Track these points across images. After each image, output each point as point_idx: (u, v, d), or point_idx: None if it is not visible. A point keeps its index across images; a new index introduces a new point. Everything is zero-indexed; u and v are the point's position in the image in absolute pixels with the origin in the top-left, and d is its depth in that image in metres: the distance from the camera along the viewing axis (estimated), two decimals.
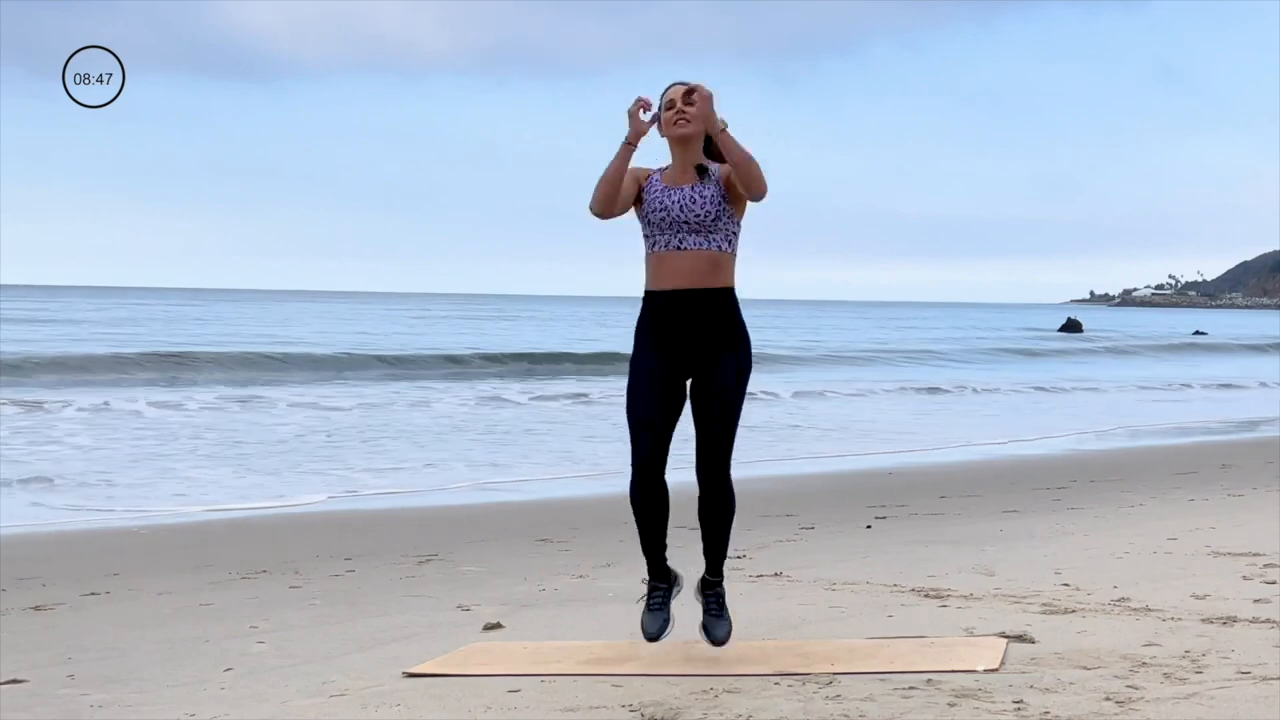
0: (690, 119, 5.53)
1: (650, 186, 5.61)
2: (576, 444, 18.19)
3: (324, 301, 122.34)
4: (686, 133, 5.55)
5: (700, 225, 5.53)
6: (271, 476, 14.49)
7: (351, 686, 5.43)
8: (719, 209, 5.54)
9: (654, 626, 5.68)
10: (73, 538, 10.72)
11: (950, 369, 41.25)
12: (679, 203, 5.54)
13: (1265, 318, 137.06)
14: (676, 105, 5.57)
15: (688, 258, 5.53)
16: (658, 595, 5.71)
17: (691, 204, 5.53)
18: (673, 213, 5.53)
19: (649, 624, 5.69)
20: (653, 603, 5.71)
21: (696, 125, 5.54)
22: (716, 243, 5.56)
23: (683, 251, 5.53)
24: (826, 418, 23.08)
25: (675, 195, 5.55)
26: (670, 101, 5.60)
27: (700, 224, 5.53)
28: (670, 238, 5.55)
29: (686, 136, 5.56)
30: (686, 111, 5.54)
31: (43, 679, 5.80)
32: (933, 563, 8.18)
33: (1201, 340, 68.24)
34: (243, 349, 38.14)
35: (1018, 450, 17.97)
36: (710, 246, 5.55)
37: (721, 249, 5.57)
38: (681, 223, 5.53)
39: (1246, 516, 10.01)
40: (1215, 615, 6.33)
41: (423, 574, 8.59)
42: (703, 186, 5.55)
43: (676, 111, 5.55)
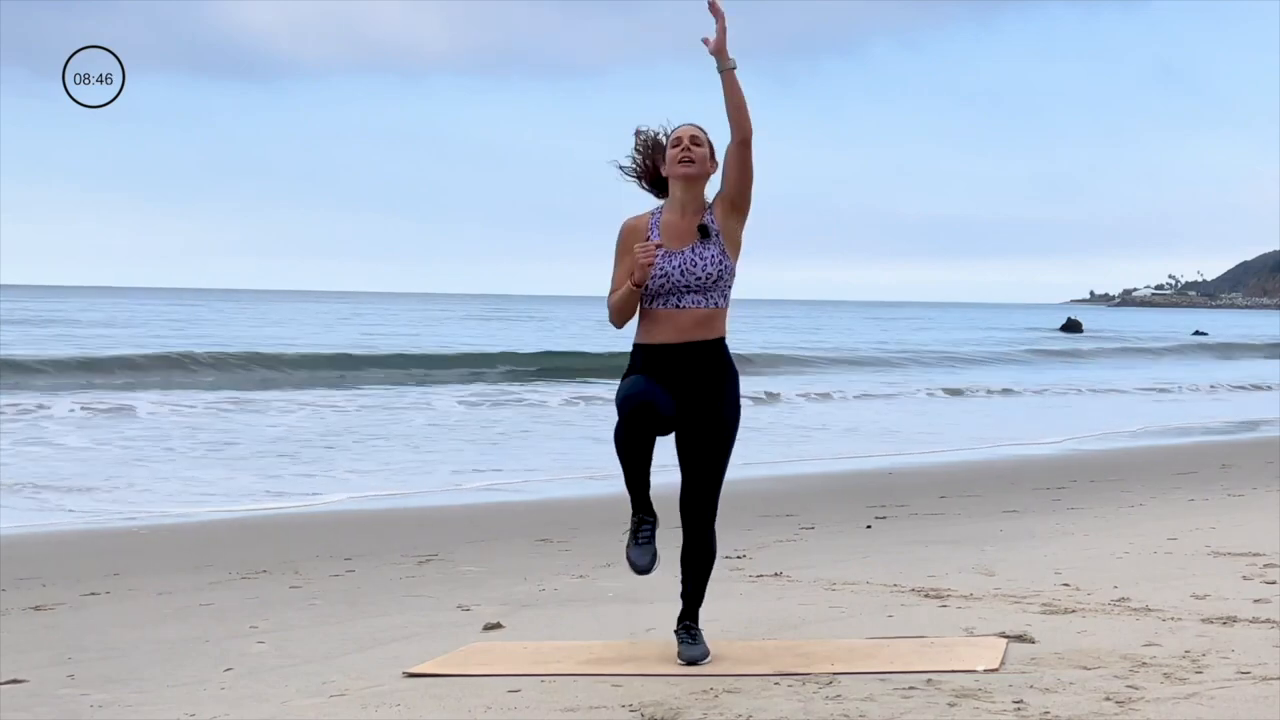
0: (694, 158, 5.54)
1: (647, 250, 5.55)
2: (570, 446, 18.19)
3: (324, 301, 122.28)
4: (690, 173, 5.56)
5: (701, 286, 5.54)
6: (271, 479, 14.49)
7: (351, 686, 5.43)
8: (720, 268, 5.54)
9: (643, 559, 5.69)
10: (73, 538, 10.72)
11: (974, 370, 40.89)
12: (680, 267, 5.53)
13: (1265, 318, 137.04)
14: (684, 144, 5.56)
15: (685, 315, 5.55)
16: (645, 529, 5.71)
17: (692, 268, 5.53)
18: (673, 278, 5.53)
19: (638, 557, 5.70)
20: (640, 537, 5.71)
21: (700, 167, 5.56)
22: (714, 300, 5.58)
23: (681, 310, 5.55)
24: (872, 422, 23.04)
25: (675, 260, 5.53)
26: (678, 139, 5.58)
27: (701, 285, 5.54)
28: (668, 299, 5.56)
29: (690, 177, 5.56)
30: (692, 152, 5.54)
31: (43, 679, 5.80)
32: (933, 563, 8.18)
33: (1211, 341, 67.73)
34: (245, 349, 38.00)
35: (1018, 450, 17.97)
36: (708, 305, 5.56)
37: (718, 305, 5.59)
38: (682, 286, 5.54)
39: (1246, 516, 10.01)
40: (1215, 615, 6.33)
41: (423, 574, 8.59)
42: (703, 247, 5.54)
43: (683, 149, 5.55)
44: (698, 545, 5.66)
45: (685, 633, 5.68)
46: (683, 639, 5.67)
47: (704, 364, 5.56)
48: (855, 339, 62.29)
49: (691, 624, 5.71)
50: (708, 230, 5.56)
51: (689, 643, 5.65)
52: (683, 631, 5.69)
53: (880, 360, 45.55)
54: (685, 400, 5.54)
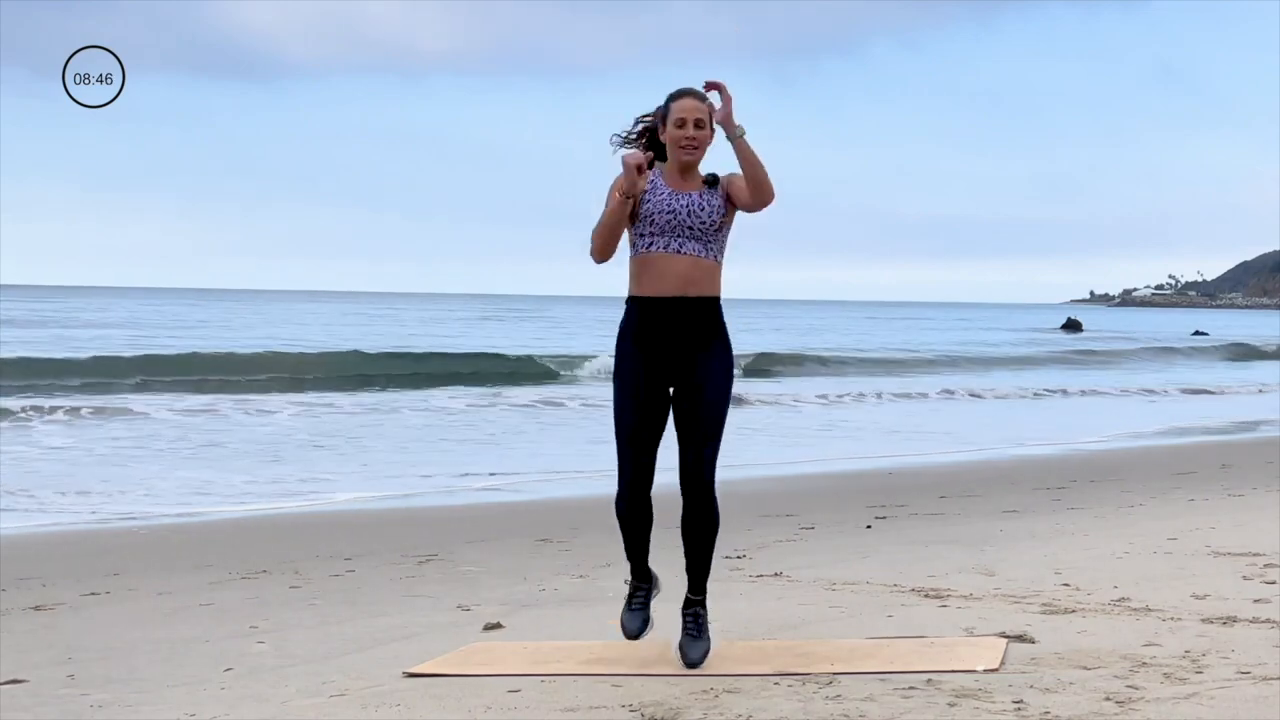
0: (699, 145, 5.51)
1: (654, 189, 5.53)
2: (560, 447, 18.19)
3: (325, 302, 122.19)
4: (693, 160, 5.54)
5: (703, 232, 5.50)
6: (261, 481, 14.49)
7: (351, 686, 5.43)
8: (722, 219, 5.53)
9: (634, 624, 5.69)
10: (73, 538, 10.72)
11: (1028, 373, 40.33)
12: (686, 207, 5.49)
13: (1265, 318, 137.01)
14: (688, 127, 5.50)
15: (683, 262, 5.50)
16: (639, 596, 5.73)
17: (700, 210, 5.50)
18: (679, 216, 5.49)
19: (629, 622, 5.70)
20: (634, 603, 5.72)
21: (701, 154, 5.54)
22: (713, 252, 5.54)
23: (680, 255, 5.50)
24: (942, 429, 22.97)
25: (683, 200, 5.51)
26: (681, 120, 5.50)
27: (703, 231, 5.50)
28: (670, 240, 5.50)
29: (692, 165, 5.55)
30: (696, 139, 5.50)
31: (43, 679, 5.80)
32: (933, 563, 8.17)
33: (1221, 341, 67.18)
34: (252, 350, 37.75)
35: (1018, 450, 17.98)
36: (707, 255, 5.52)
37: (716, 259, 5.56)
38: (686, 227, 5.49)
39: (1246, 516, 10.01)
40: (1215, 615, 6.33)
41: (423, 574, 8.59)
42: (710, 195, 5.52)
43: (687, 135, 5.49)
44: (698, 513, 5.55)
45: (692, 621, 5.61)
46: (687, 629, 5.60)
47: (699, 324, 5.50)
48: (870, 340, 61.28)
49: (699, 608, 5.62)
50: (716, 180, 5.54)
51: (693, 636, 5.57)
52: (689, 619, 5.62)
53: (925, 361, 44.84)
54: (679, 359, 5.49)
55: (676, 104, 5.53)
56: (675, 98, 5.54)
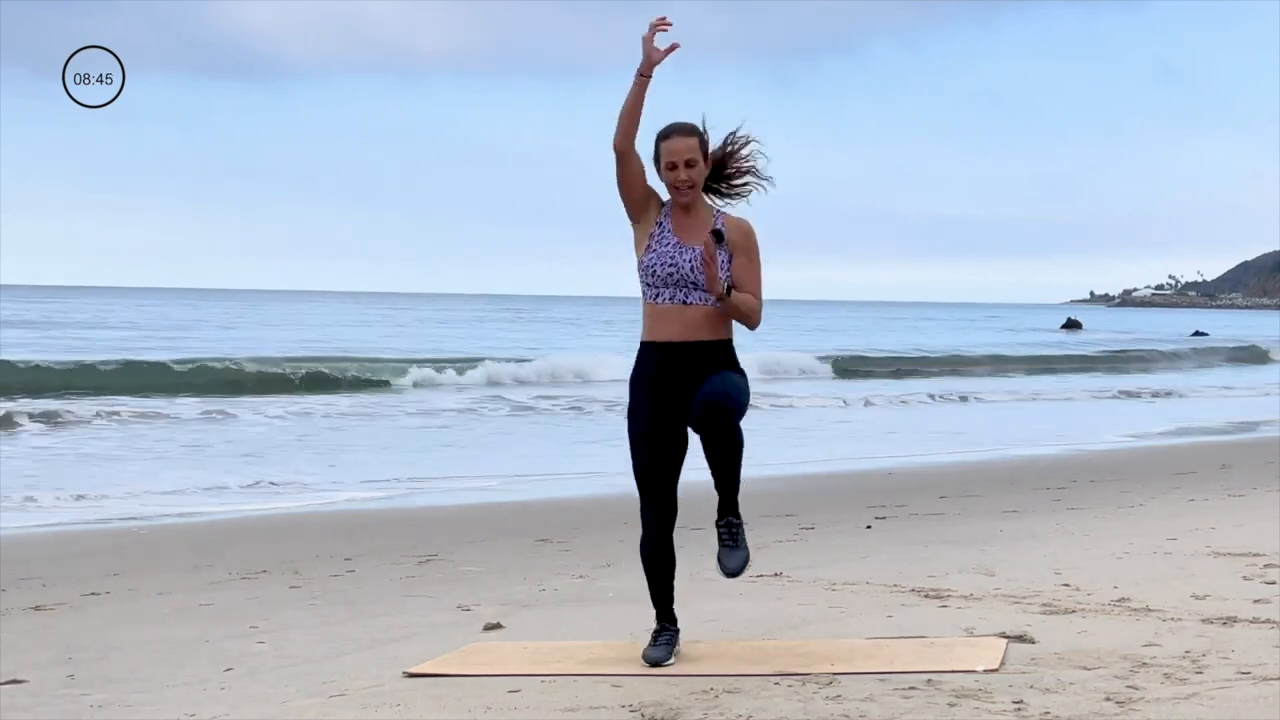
0: (693, 184, 5.52)
1: (661, 236, 5.55)
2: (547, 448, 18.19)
3: (323, 302, 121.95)
4: (688, 202, 5.55)
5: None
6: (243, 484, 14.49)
7: (351, 686, 5.43)
8: (726, 273, 5.52)
9: (656, 655, 5.66)
10: (73, 538, 10.72)
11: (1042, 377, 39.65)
12: (690, 263, 5.51)
13: (1266, 318, 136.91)
14: (679, 170, 5.51)
15: (692, 311, 5.53)
16: (665, 636, 5.73)
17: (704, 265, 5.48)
18: (682, 270, 5.51)
19: (653, 654, 5.66)
20: (659, 640, 5.72)
21: (696, 194, 5.55)
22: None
23: (687, 306, 5.53)
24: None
25: (686, 255, 5.51)
26: (672, 164, 5.51)
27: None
28: (675, 292, 5.53)
29: (688, 206, 5.56)
30: (690, 178, 5.50)
31: (43, 679, 5.80)
32: (933, 563, 8.17)
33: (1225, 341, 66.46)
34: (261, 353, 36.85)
35: (1018, 450, 17.97)
36: (715, 302, 5.53)
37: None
38: (690, 282, 5.52)
39: (1246, 516, 10.00)
40: (1215, 615, 6.33)
41: (423, 574, 8.58)
42: (716, 250, 5.49)
43: (678, 178, 5.51)
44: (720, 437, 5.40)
45: (726, 531, 5.59)
46: (723, 539, 5.60)
47: (710, 363, 5.52)
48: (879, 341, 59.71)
49: (733, 517, 5.58)
50: (721, 236, 5.54)
51: (729, 546, 5.57)
52: (724, 530, 5.59)
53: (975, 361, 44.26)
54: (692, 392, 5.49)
55: (665, 145, 5.54)
56: (664, 137, 5.55)
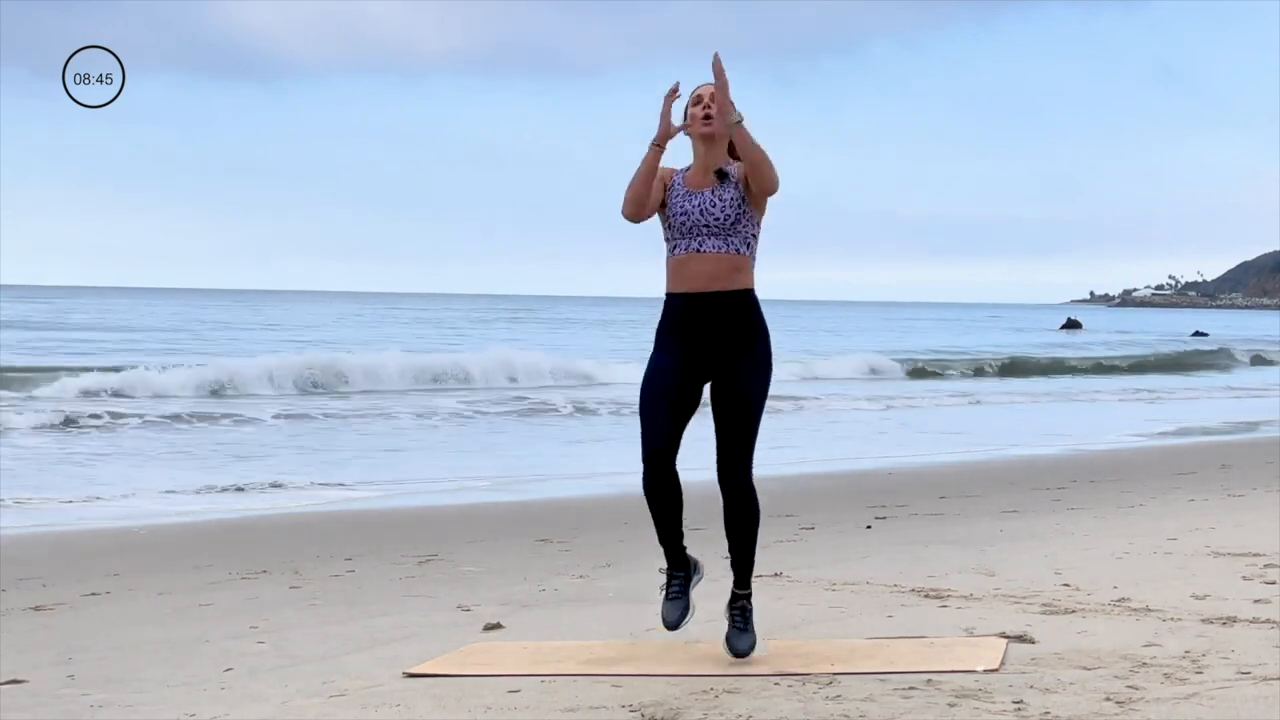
0: (715, 116, 5.54)
1: (673, 191, 5.63)
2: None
3: (325, 302, 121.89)
4: (712, 131, 5.57)
5: (720, 228, 5.55)
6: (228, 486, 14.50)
7: (351, 686, 5.43)
8: (738, 211, 5.55)
9: (673, 615, 5.67)
10: (73, 538, 10.72)
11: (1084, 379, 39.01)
12: (699, 206, 5.56)
13: (1266, 318, 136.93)
14: (705, 101, 5.58)
15: (707, 260, 5.56)
16: (676, 583, 5.70)
17: (711, 207, 5.54)
18: (693, 216, 5.55)
19: (668, 613, 5.67)
20: (671, 591, 5.70)
21: (721, 124, 5.55)
22: (735, 245, 5.57)
23: (702, 255, 5.56)
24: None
25: (696, 199, 5.57)
26: (698, 98, 5.61)
27: (720, 227, 5.55)
28: (690, 241, 5.57)
29: (712, 135, 5.58)
30: (712, 107, 5.55)
31: (43, 679, 5.80)
32: (933, 563, 8.17)
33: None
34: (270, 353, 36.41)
35: (1018, 450, 17.97)
36: (729, 250, 5.56)
37: (740, 251, 5.59)
38: (702, 226, 5.55)
39: (1246, 516, 10.00)
40: (1215, 615, 6.33)
41: (423, 574, 8.58)
42: (723, 189, 5.56)
43: (704, 107, 5.57)
44: (737, 506, 5.61)
45: (739, 616, 5.62)
46: (734, 622, 5.61)
47: (732, 315, 5.55)
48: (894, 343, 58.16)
49: (745, 603, 5.64)
50: (726, 174, 5.58)
51: (740, 629, 5.60)
52: (736, 614, 5.63)
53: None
54: (714, 355, 5.54)
55: (695, 91, 5.64)
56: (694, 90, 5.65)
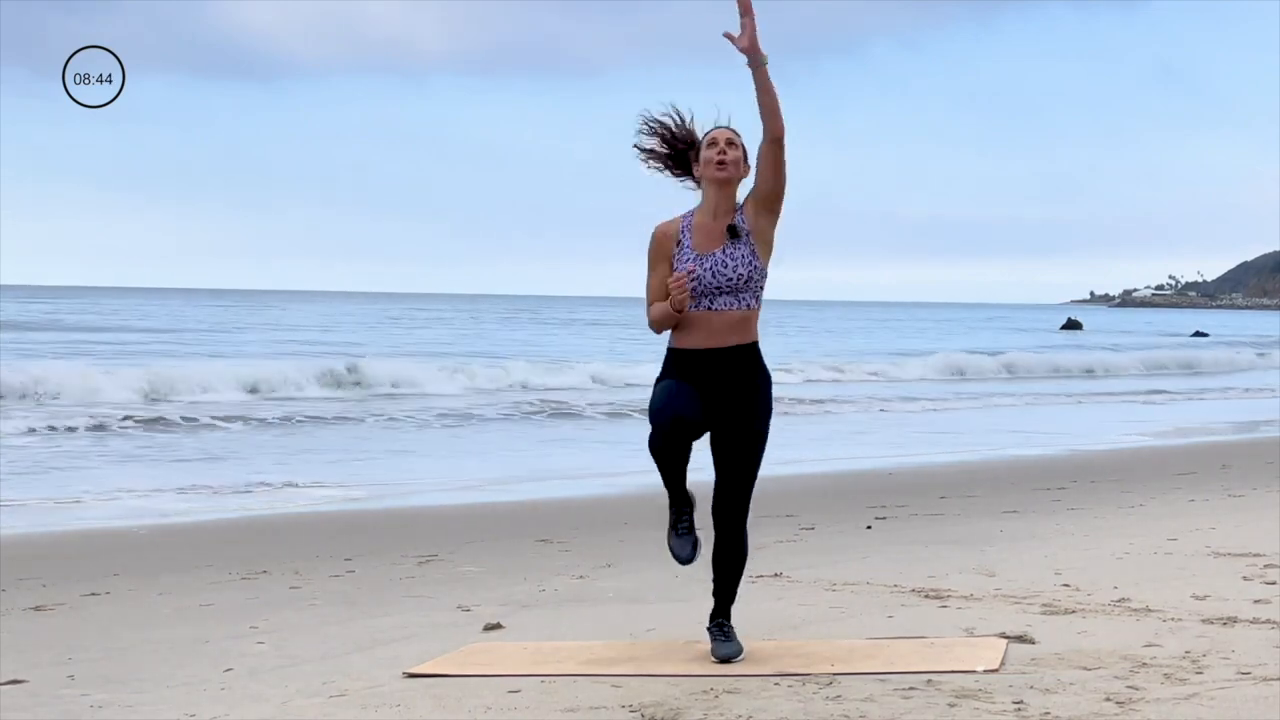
0: (730, 162, 5.55)
1: (681, 253, 5.60)
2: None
3: (321, 302, 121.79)
4: (725, 177, 5.58)
5: (732, 287, 5.56)
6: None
7: (351, 686, 5.43)
8: (750, 268, 5.56)
9: (685, 550, 5.71)
10: (73, 538, 10.71)
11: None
12: (711, 269, 5.55)
13: (1266, 318, 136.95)
14: (720, 146, 5.57)
15: (718, 318, 5.57)
16: (684, 520, 5.72)
17: (724, 269, 5.54)
18: (705, 280, 5.55)
19: (679, 548, 5.72)
20: (680, 528, 5.72)
21: (735, 171, 5.57)
22: (746, 301, 5.59)
23: (713, 312, 5.57)
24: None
25: (707, 263, 5.55)
26: (712, 140, 5.60)
27: (732, 286, 5.56)
28: (700, 300, 5.57)
29: (725, 181, 5.58)
30: (728, 155, 5.56)
31: (43, 679, 5.80)
32: (933, 563, 8.17)
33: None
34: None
35: (1018, 450, 17.97)
36: (740, 306, 5.58)
37: (750, 306, 5.61)
38: (714, 288, 5.56)
39: (1246, 517, 10.01)
40: (1215, 616, 6.33)
41: (423, 574, 8.58)
42: (734, 247, 5.56)
43: (719, 152, 5.57)
44: (729, 546, 5.69)
45: (718, 630, 5.71)
46: (715, 636, 5.69)
47: (737, 370, 5.58)
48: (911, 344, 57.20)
49: (724, 621, 5.73)
50: (736, 231, 5.57)
51: (721, 640, 5.67)
52: (715, 629, 5.71)
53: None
54: (718, 405, 5.56)
55: (709, 134, 5.64)
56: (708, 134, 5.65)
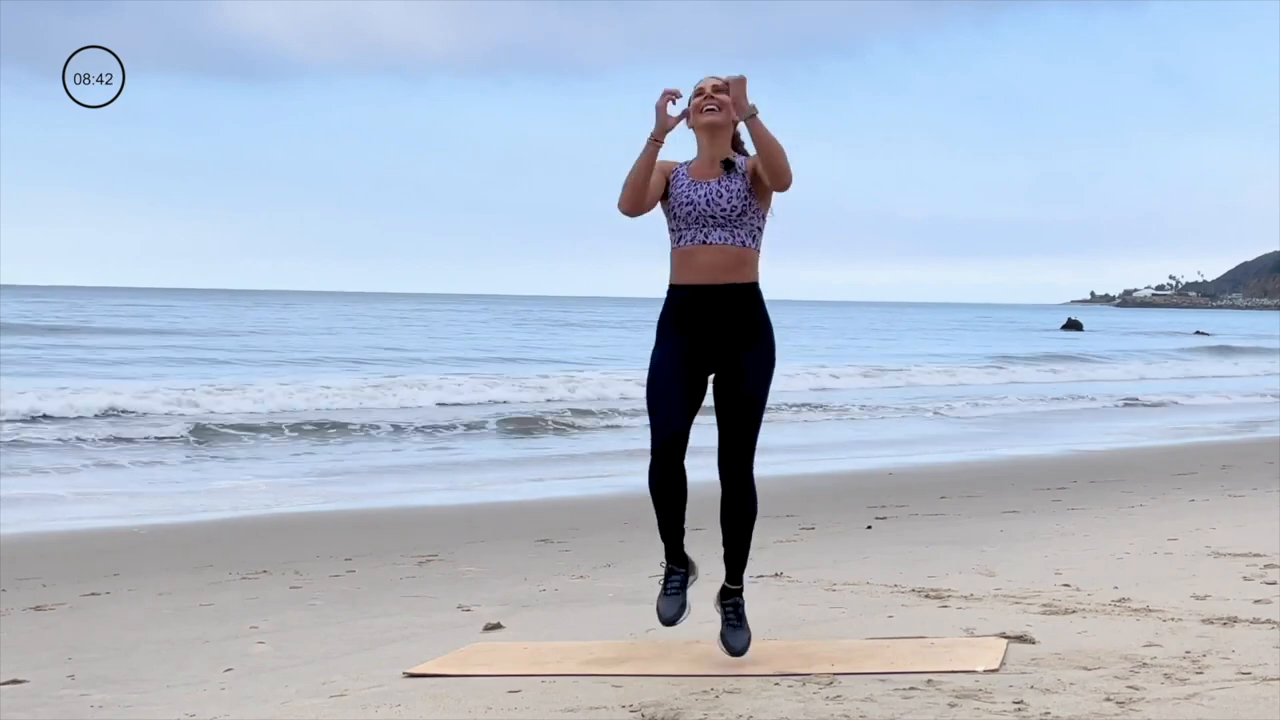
0: (720, 106, 5.51)
1: (676, 180, 5.58)
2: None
3: (323, 302, 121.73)
4: (715, 120, 5.53)
5: (726, 219, 5.52)
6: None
7: (351, 686, 5.43)
8: (745, 203, 5.53)
9: (670, 610, 5.64)
10: (73, 538, 10.71)
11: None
12: (705, 197, 5.52)
13: (1266, 318, 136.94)
14: (706, 93, 5.55)
15: (713, 252, 5.52)
16: (675, 580, 5.67)
17: (718, 198, 5.52)
18: (699, 207, 5.52)
19: (665, 608, 5.64)
20: (669, 588, 5.67)
21: (725, 114, 5.52)
22: (741, 238, 5.55)
23: (708, 246, 5.53)
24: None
25: (702, 189, 5.53)
26: (700, 90, 5.58)
27: (726, 218, 5.52)
28: (696, 232, 5.53)
29: (715, 125, 5.54)
30: (717, 98, 5.52)
31: (43, 679, 5.80)
32: (933, 563, 8.17)
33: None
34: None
35: (1018, 450, 17.97)
36: (735, 242, 5.54)
37: (746, 244, 5.56)
38: (708, 217, 5.52)
39: (1246, 517, 10.01)
40: (1216, 616, 6.33)
41: (423, 574, 8.58)
42: (729, 180, 5.54)
43: (705, 98, 5.54)
44: (735, 500, 5.59)
45: (732, 611, 5.60)
46: (728, 619, 5.59)
47: (737, 309, 5.52)
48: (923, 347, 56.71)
49: (738, 597, 5.62)
50: (732, 164, 5.55)
51: (734, 624, 5.57)
52: (729, 610, 5.60)
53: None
54: (718, 347, 5.51)
55: (697, 85, 5.60)
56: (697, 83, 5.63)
